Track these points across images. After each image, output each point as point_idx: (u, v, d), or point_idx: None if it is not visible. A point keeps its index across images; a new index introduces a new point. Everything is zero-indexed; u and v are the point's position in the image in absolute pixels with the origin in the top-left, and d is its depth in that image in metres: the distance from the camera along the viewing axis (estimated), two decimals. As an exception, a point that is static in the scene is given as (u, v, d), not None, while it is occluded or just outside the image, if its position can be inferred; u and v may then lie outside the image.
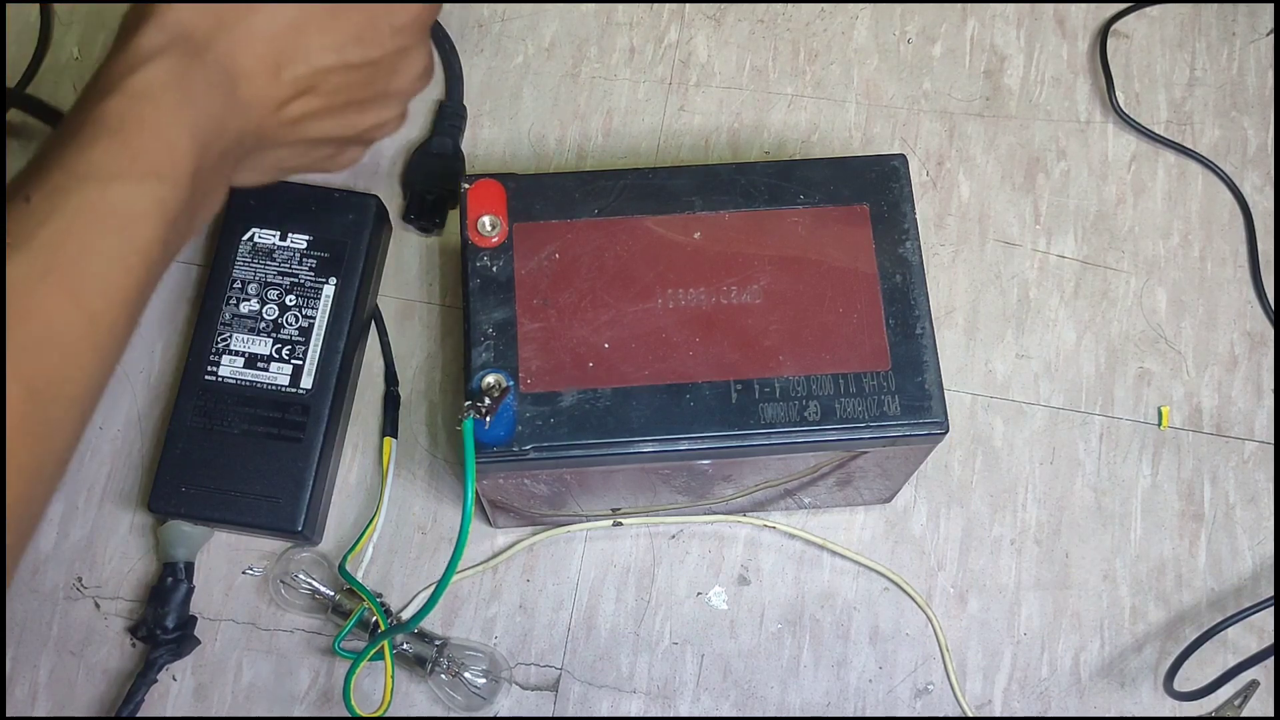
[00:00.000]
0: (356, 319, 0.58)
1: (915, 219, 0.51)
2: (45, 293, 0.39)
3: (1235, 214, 0.64)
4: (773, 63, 0.66)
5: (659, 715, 0.56)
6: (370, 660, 0.53)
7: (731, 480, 0.53)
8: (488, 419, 0.46)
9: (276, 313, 0.57)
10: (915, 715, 0.56)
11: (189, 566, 0.56)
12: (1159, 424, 0.61)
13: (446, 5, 0.67)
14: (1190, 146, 0.65)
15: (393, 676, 0.54)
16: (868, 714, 0.56)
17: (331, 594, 0.56)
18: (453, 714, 0.56)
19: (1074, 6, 0.68)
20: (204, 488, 0.55)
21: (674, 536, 0.58)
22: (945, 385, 0.49)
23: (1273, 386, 0.61)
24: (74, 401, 0.40)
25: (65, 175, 0.40)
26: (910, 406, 0.48)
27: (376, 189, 0.62)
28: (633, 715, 0.56)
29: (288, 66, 0.45)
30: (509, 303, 0.49)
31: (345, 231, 0.59)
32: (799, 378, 0.48)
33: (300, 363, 0.57)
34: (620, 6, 0.67)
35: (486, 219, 0.50)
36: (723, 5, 0.67)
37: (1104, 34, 0.66)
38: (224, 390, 0.56)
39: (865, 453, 0.50)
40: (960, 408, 0.61)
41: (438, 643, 0.56)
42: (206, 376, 0.56)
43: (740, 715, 0.56)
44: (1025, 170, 0.65)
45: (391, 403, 0.60)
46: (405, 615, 0.57)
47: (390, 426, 0.59)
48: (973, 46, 0.67)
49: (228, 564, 0.57)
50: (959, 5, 0.68)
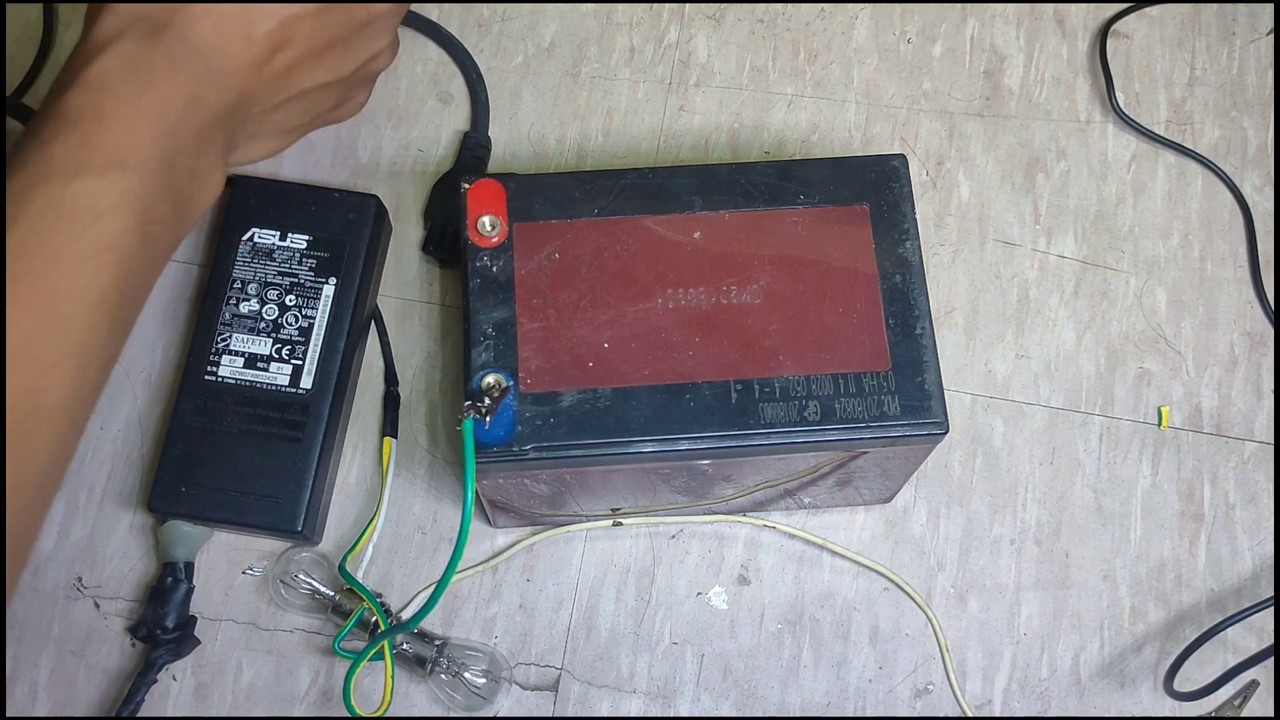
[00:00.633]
0: (356, 319, 0.58)
1: (915, 219, 0.51)
2: (13, 301, 0.37)
3: (1235, 214, 0.64)
4: (773, 63, 0.66)
5: (659, 715, 0.56)
6: (370, 660, 0.53)
7: (731, 480, 0.54)
8: (488, 419, 0.46)
9: (276, 313, 0.57)
10: (915, 715, 0.57)
11: (189, 566, 0.56)
12: (1159, 424, 0.61)
13: (446, 5, 0.67)
14: (1190, 146, 0.65)
15: (393, 676, 0.54)
16: (868, 714, 0.56)
17: (331, 594, 0.56)
18: (453, 714, 0.56)
19: (1074, 6, 0.68)
20: (204, 488, 0.55)
21: (674, 536, 0.59)
22: (945, 385, 0.49)
23: (1273, 387, 0.61)
24: (54, 412, 0.39)
25: (28, 176, 0.39)
26: (910, 406, 0.48)
27: (377, 189, 0.62)
28: (633, 715, 0.56)
29: (256, 24, 0.43)
30: (509, 303, 0.49)
31: (345, 231, 0.59)
32: (799, 378, 0.48)
33: (300, 363, 0.57)
34: (620, 6, 0.67)
35: (486, 219, 0.50)
36: (723, 5, 0.67)
37: (1104, 34, 0.66)
38: (224, 390, 0.56)
39: (865, 453, 0.50)
40: (960, 408, 0.61)
41: (438, 643, 0.56)
42: (206, 376, 0.56)
43: (740, 715, 0.56)
44: (1025, 170, 0.65)
45: (391, 403, 0.60)
46: (405, 615, 0.57)
47: (390, 426, 0.59)
48: (973, 46, 0.67)
49: (228, 564, 0.57)
50: (959, 5, 0.68)
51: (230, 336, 0.57)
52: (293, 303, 0.58)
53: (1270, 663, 0.55)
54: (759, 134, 0.65)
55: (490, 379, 0.48)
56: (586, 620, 0.57)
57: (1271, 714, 0.56)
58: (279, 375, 0.57)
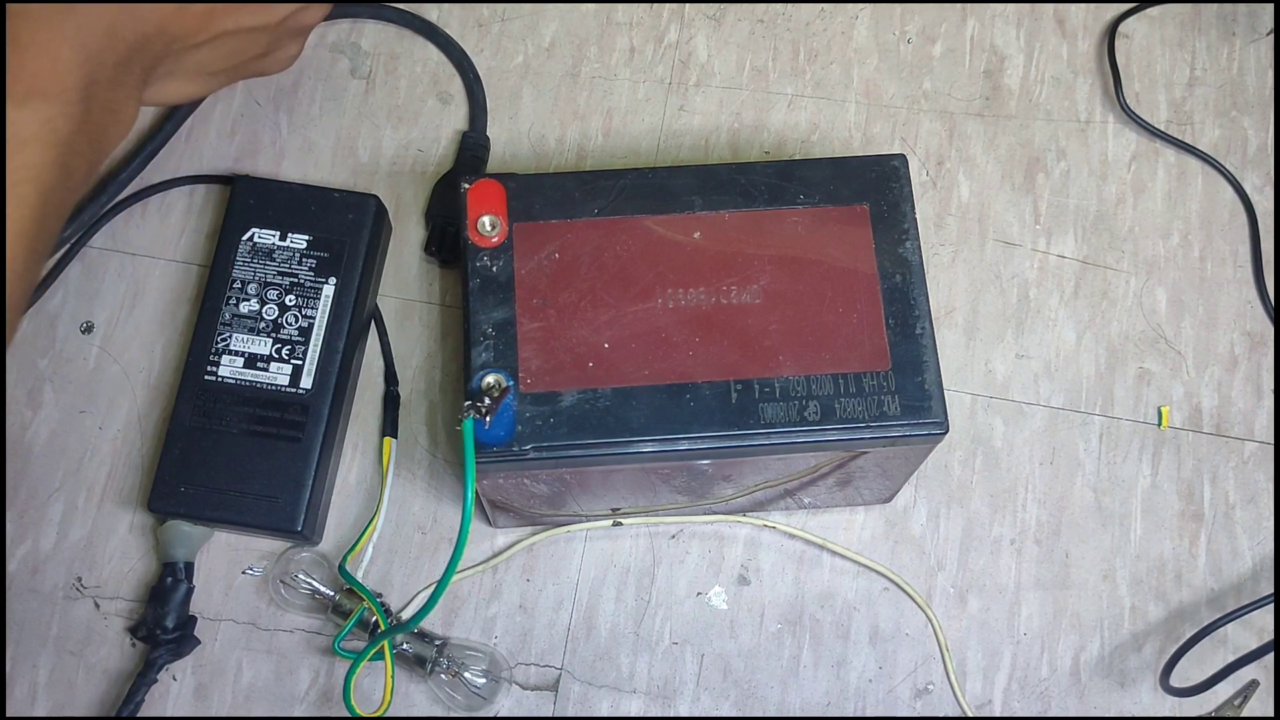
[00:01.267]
0: (356, 319, 0.58)
1: (915, 219, 0.51)
2: None
3: (1236, 214, 0.64)
4: (773, 63, 0.66)
5: (659, 715, 0.56)
6: (370, 660, 0.53)
7: (731, 480, 0.54)
8: (488, 419, 0.46)
9: (276, 313, 0.57)
10: (915, 715, 0.56)
11: (189, 566, 0.56)
12: (1159, 424, 0.61)
13: (446, 5, 0.67)
14: (1192, 144, 0.65)
15: (393, 676, 0.54)
16: (868, 714, 0.56)
17: (331, 594, 0.56)
18: (453, 714, 0.56)
19: (1074, 6, 0.68)
20: (204, 488, 0.55)
21: (674, 536, 0.58)
22: (945, 385, 0.49)
23: (1273, 386, 0.61)
24: None
25: None
26: (910, 406, 0.48)
27: (376, 189, 0.62)
28: (633, 715, 0.56)
29: None
30: (509, 303, 0.49)
31: (345, 231, 0.59)
32: (799, 378, 0.48)
33: (300, 363, 0.57)
34: (620, 6, 0.67)
35: (486, 219, 0.50)
36: (723, 5, 0.67)
37: (1111, 32, 0.66)
38: (224, 390, 0.56)
39: (865, 453, 0.50)
40: (960, 408, 0.61)
41: (438, 643, 0.56)
42: (206, 376, 0.56)
43: (740, 715, 0.56)
44: (1025, 170, 0.65)
45: (391, 403, 0.60)
46: (405, 615, 0.57)
47: (390, 426, 0.59)
48: (973, 46, 0.67)
49: (228, 564, 0.57)
50: (959, 5, 0.68)
51: (230, 336, 0.57)
52: (293, 303, 0.58)
53: (1269, 662, 0.55)
54: (759, 134, 0.65)
55: (490, 379, 0.47)
56: (586, 620, 0.57)
57: (1271, 714, 0.56)
58: (279, 375, 0.57)
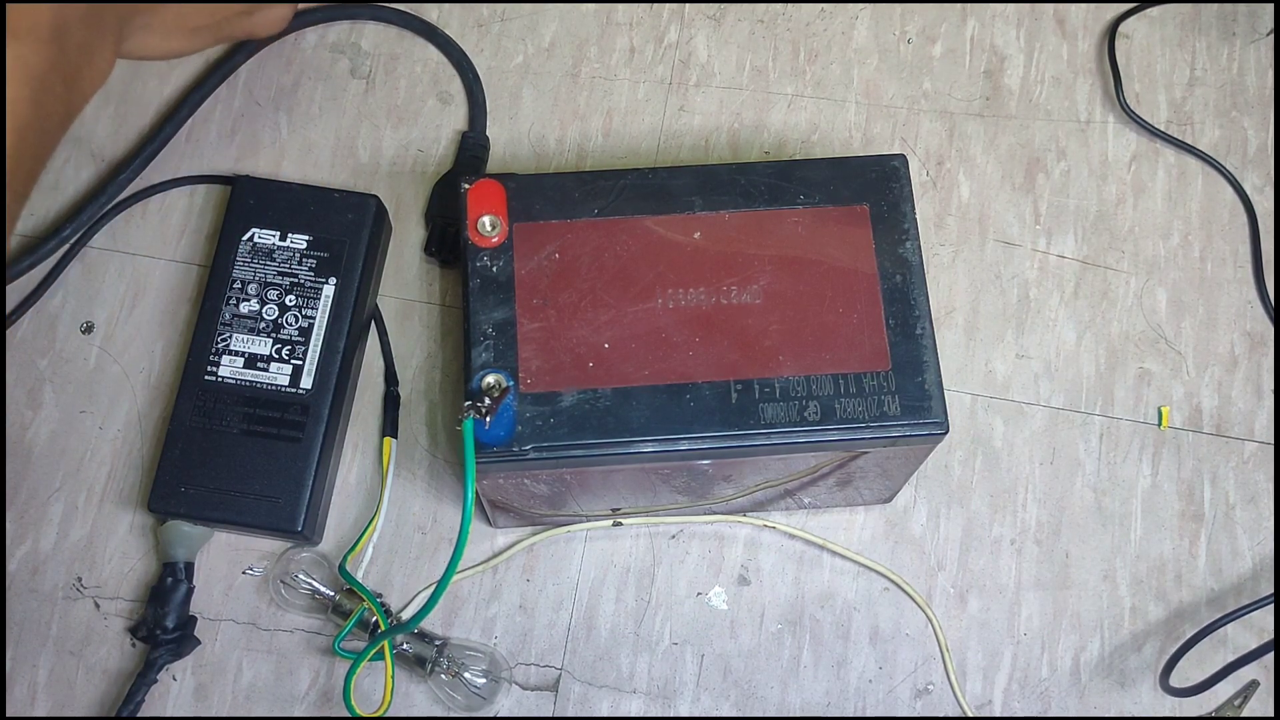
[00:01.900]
0: (356, 319, 0.58)
1: (915, 219, 0.51)
2: None
3: (1236, 214, 0.64)
4: (773, 63, 0.66)
5: (659, 715, 0.56)
6: (370, 660, 0.53)
7: (731, 480, 0.53)
8: (488, 419, 0.46)
9: (276, 313, 0.57)
10: (915, 715, 0.56)
11: (189, 566, 0.56)
12: (1159, 424, 0.61)
13: (446, 5, 0.67)
14: (1192, 144, 0.65)
15: (393, 676, 0.54)
16: (868, 714, 0.56)
17: (331, 594, 0.56)
18: (453, 714, 0.56)
19: (1074, 6, 0.68)
20: (204, 488, 0.55)
21: (674, 536, 0.59)
22: (945, 385, 0.49)
23: (1273, 386, 0.61)
24: None
25: None
26: (910, 406, 0.48)
27: (376, 189, 0.62)
28: (633, 715, 0.56)
29: None
30: (509, 303, 0.49)
31: (345, 231, 0.59)
32: (799, 378, 0.48)
33: (300, 363, 0.57)
34: (620, 6, 0.67)
35: (486, 219, 0.50)
36: (723, 5, 0.67)
37: (1112, 32, 0.66)
38: (224, 390, 0.56)
39: (865, 453, 0.50)
40: (960, 408, 0.61)
41: (438, 643, 0.56)
42: (206, 376, 0.56)
43: (740, 715, 0.56)
44: (1025, 170, 0.65)
45: (391, 403, 0.60)
46: (405, 615, 0.57)
47: (390, 426, 0.59)
48: (973, 46, 0.67)
49: (228, 564, 0.57)
50: (959, 5, 0.68)
51: (230, 336, 0.57)
52: (293, 303, 0.58)
53: (1269, 660, 0.55)
54: (759, 134, 0.65)
55: (490, 379, 0.47)
56: (586, 620, 0.57)
57: (1271, 714, 0.56)
58: (279, 375, 0.57)
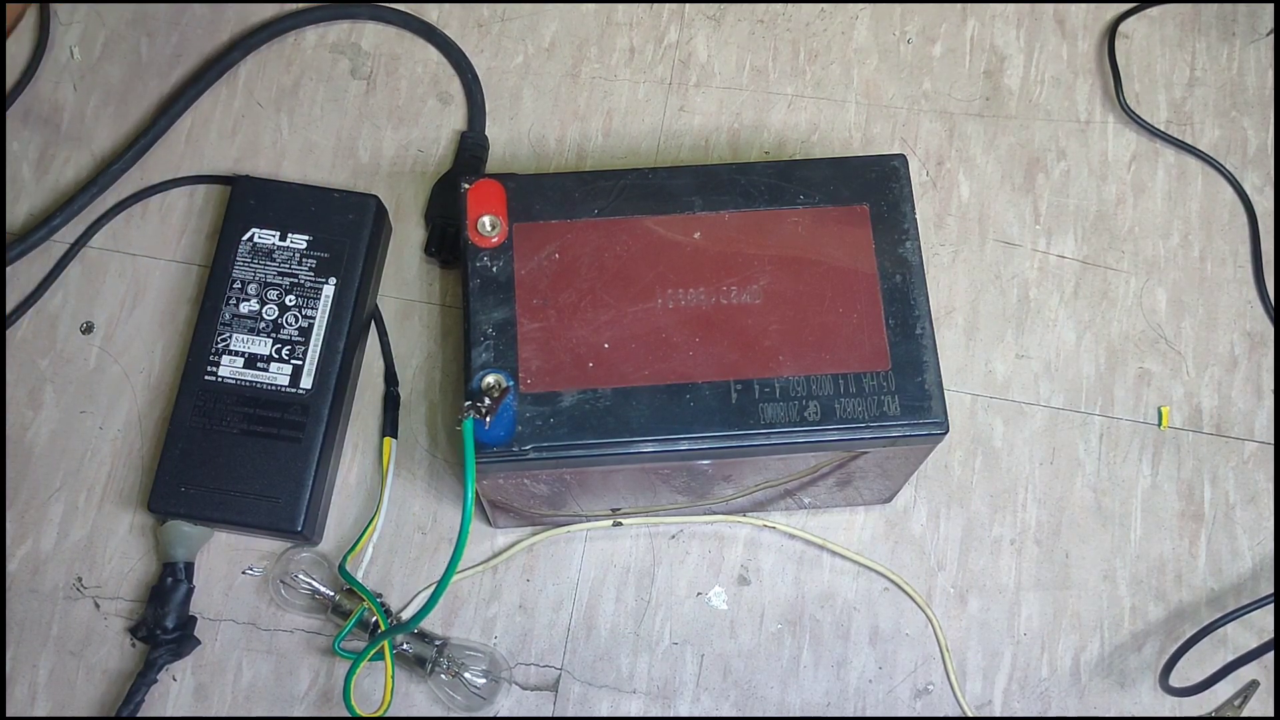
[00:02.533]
0: (356, 319, 0.58)
1: (915, 219, 0.51)
2: None
3: (1236, 214, 0.64)
4: (773, 63, 0.66)
5: (659, 715, 0.56)
6: (370, 660, 0.53)
7: (731, 480, 0.53)
8: (488, 419, 0.46)
9: (276, 313, 0.57)
10: (915, 715, 0.56)
11: (189, 566, 0.56)
12: (1159, 424, 0.61)
13: (447, 5, 0.67)
14: (1192, 144, 0.65)
15: (393, 676, 0.54)
16: (868, 714, 0.56)
17: (331, 594, 0.56)
18: (453, 714, 0.56)
19: (1074, 6, 0.68)
20: (204, 488, 0.55)
21: (674, 536, 0.58)
22: (945, 385, 0.49)
23: (1273, 386, 0.61)
24: None
25: None
26: (910, 406, 0.48)
27: (376, 189, 0.62)
28: (633, 715, 0.56)
29: None
30: (509, 303, 0.49)
31: (345, 231, 0.59)
32: (799, 378, 0.48)
33: (300, 363, 0.57)
34: (620, 6, 0.67)
35: (486, 219, 0.50)
36: (723, 5, 0.67)
37: (1111, 32, 0.66)
38: (224, 390, 0.56)
39: (865, 453, 0.50)
40: (960, 408, 0.61)
41: (438, 643, 0.56)
42: (206, 376, 0.56)
43: (740, 715, 0.56)
44: (1025, 170, 0.65)
45: (391, 403, 0.60)
46: (405, 615, 0.57)
47: (390, 426, 0.59)
48: (973, 46, 0.67)
49: (228, 564, 0.57)
50: (959, 5, 0.68)
51: (230, 337, 0.57)
52: (293, 303, 0.58)
53: (1269, 660, 0.55)
54: (759, 134, 0.65)
55: (490, 379, 0.47)
56: (586, 620, 0.57)
57: (1271, 714, 0.56)
58: (279, 375, 0.57)
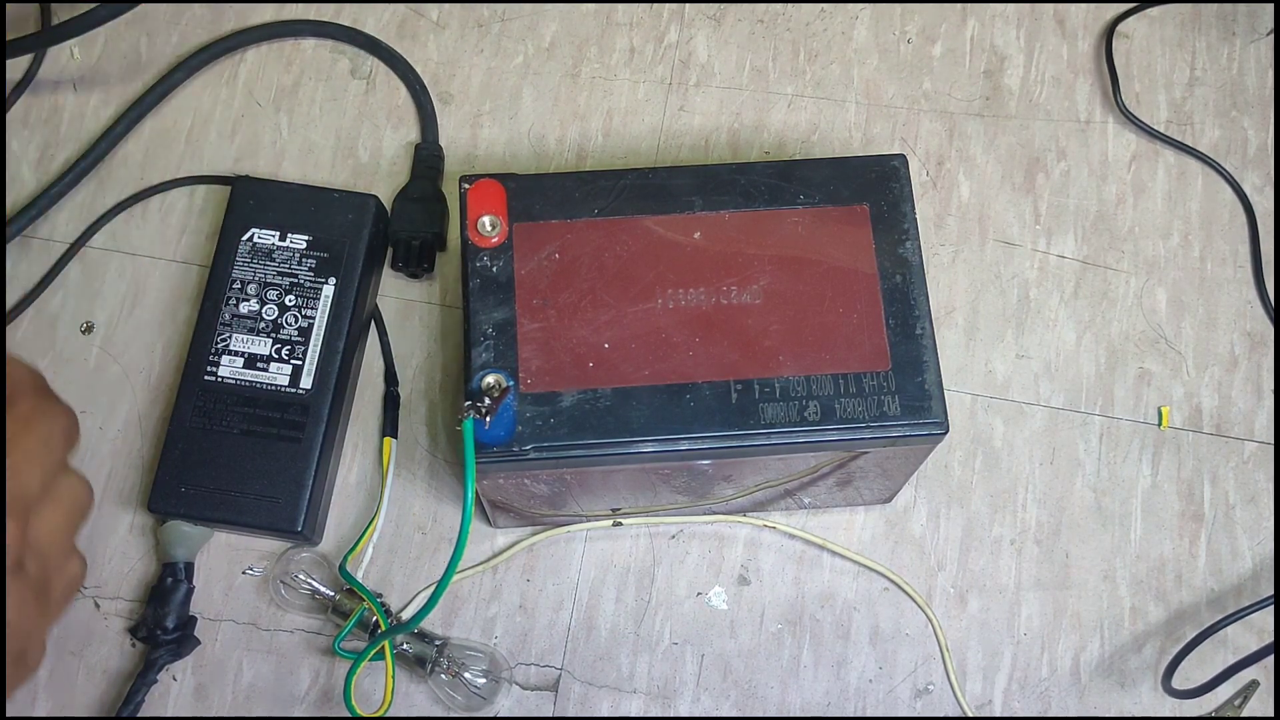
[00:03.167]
0: (356, 319, 0.58)
1: (915, 219, 0.51)
2: None
3: (1236, 214, 0.64)
4: (773, 63, 0.66)
5: (659, 715, 0.56)
6: (370, 660, 0.53)
7: (731, 480, 0.53)
8: (488, 419, 0.46)
9: (276, 313, 0.57)
10: (915, 715, 0.56)
11: (189, 566, 0.56)
12: (1159, 424, 0.61)
13: (447, 6, 0.67)
14: (1192, 145, 0.65)
15: (393, 676, 0.54)
16: (868, 714, 0.56)
17: (331, 594, 0.56)
18: (453, 714, 0.56)
19: (1074, 6, 0.68)
20: (204, 488, 0.55)
21: (674, 536, 0.58)
22: (945, 385, 0.49)
23: (1273, 386, 0.61)
24: None
25: None
26: (910, 406, 0.48)
27: (376, 189, 0.62)
28: (633, 715, 0.56)
29: None
30: (509, 303, 0.49)
31: (345, 232, 0.59)
32: (799, 378, 0.48)
33: (300, 363, 0.57)
34: (620, 6, 0.67)
35: (486, 219, 0.50)
36: (723, 5, 0.67)
37: (1109, 33, 0.66)
38: (224, 390, 0.56)
39: (865, 453, 0.50)
40: (960, 408, 0.61)
41: (438, 643, 0.56)
42: (206, 377, 0.56)
43: (740, 715, 0.56)
44: (1025, 170, 0.65)
45: (391, 403, 0.60)
46: (405, 615, 0.57)
47: (390, 426, 0.59)
48: (973, 46, 0.67)
49: (228, 564, 0.57)
50: (959, 5, 0.68)
51: (230, 337, 0.57)
52: (292, 303, 0.58)
53: (1270, 662, 0.55)
54: (759, 134, 0.65)
55: (490, 379, 0.47)
56: (586, 620, 0.57)
57: (1271, 714, 0.56)
58: (279, 375, 0.57)
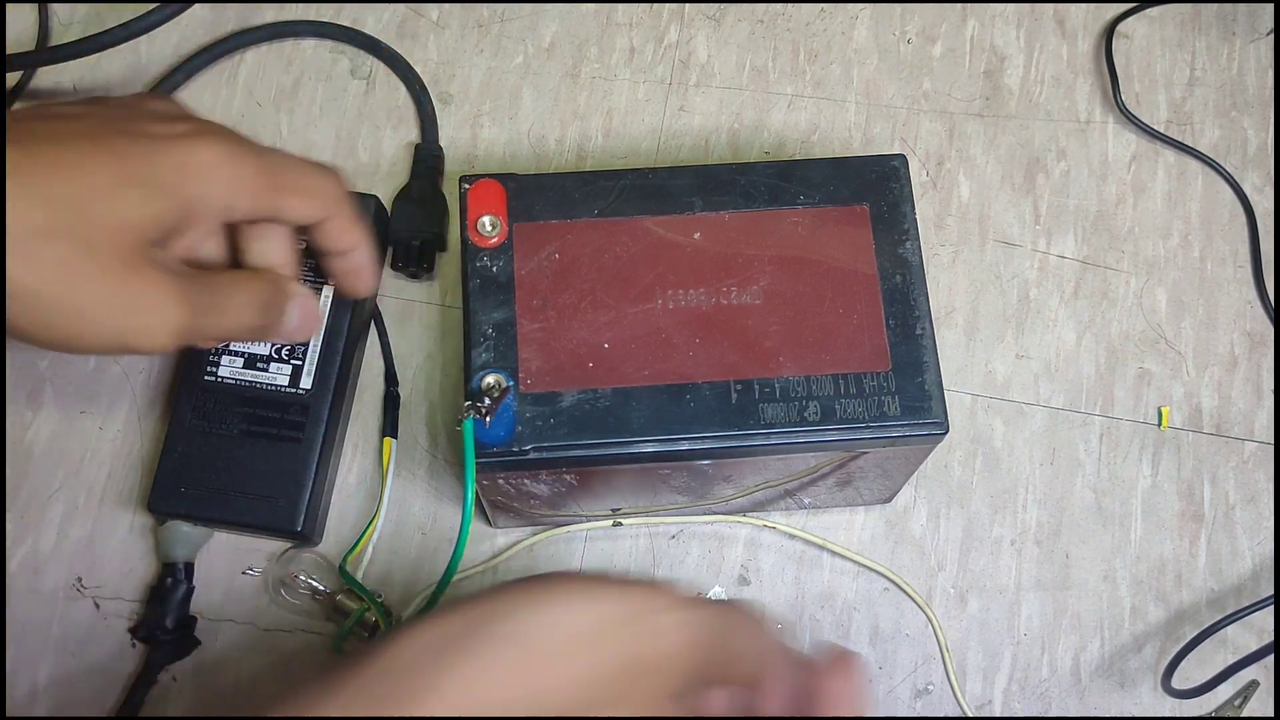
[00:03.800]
0: (356, 319, 0.58)
1: (915, 219, 0.51)
2: None
3: (1236, 214, 0.64)
4: (773, 63, 0.66)
5: (659, 715, 0.56)
6: (370, 660, 0.53)
7: (731, 480, 0.53)
8: (488, 419, 0.46)
9: (276, 313, 0.57)
10: (915, 715, 0.56)
11: (189, 567, 0.56)
12: (1159, 424, 0.61)
13: (447, 6, 0.67)
14: (1192, 145, 0.65)
15: (393, 677, 0.54)
16: (867, 714, 0.56)
17: (331, 594, 0.56)
18: (453, 714, 0.56)
19: (1074, 7, 0.68)
20: (203, 488, 0.55)
21: (674, 536, 0.58)
22: (945, 385, 0.49)
23: (1273, 386, 0.61)
24: None
25: None
26: (910, 407, 0.48)
27: (376, 189, 0.62)
28: (633, 715, 0.56)
29: None
30: (509, 303, 0.49)
31: (345, 232, 0.59)
32: (799, 378, 0.48)
33: (300, 363, 0.57)
34: (620, 6, 0.67)
35: (486, 219, 0.50)
36: (723, 5, 0.67)
37: (1109, 33, 0.66)
38: (223, 391, 0.56)
39: (865, 453, 0.50)
40: (960, 408, 0.61)
41: (438, 643, 0.55)
42: (206, 377, 0.56)
43: (740, 715, 0.56)
44: (1025, 170, 0.65)
45: (391, 403, 0.60)
46: (405, 615, 0.57)
47: (390, 426, 0.59)
48: (973, 46, 0.67)
49: (228, 564, 0.57)
50: (959, 5, 0.68)
51: (230, 337, 0.57)
52: (292, 303, 0.57)
53: (1270, 662, 0.55)
54: (759, 134, 0.65)
55: (490, 379, 0.47)
56: (586, 620, 0.57)
57: (1271, 714, 0.56)
58: (279, 376, 0.57)
